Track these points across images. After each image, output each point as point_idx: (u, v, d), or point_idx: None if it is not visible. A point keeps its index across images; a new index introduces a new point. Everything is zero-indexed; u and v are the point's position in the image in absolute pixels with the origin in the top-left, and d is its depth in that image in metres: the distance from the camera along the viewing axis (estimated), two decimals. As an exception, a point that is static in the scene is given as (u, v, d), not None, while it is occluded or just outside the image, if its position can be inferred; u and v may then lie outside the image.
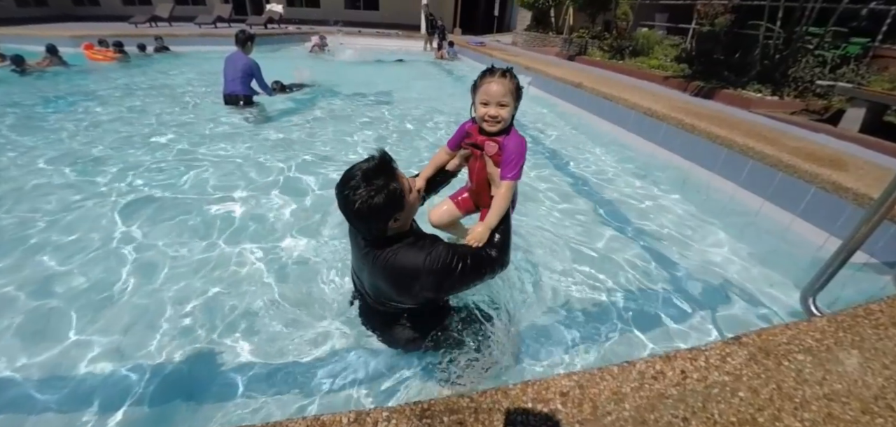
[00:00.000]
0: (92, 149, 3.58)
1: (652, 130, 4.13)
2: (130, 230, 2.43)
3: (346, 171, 1.21)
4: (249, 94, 4.39)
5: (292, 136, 4.12)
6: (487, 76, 1.39)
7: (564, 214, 2.97)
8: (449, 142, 1.59)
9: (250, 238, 2.42)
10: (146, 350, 1.63)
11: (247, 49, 4.29)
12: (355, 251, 1.40)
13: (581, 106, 5.50)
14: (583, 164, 3.97)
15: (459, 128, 1.56)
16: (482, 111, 1.40)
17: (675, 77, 6.57)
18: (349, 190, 1.17)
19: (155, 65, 8.41)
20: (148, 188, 2.93)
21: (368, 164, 1.19)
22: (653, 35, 9.11)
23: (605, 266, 2.37)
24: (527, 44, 12.52)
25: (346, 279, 1.97)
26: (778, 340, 1.24)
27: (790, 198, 2.79)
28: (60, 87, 5.97)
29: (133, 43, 9.33)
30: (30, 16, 18.52)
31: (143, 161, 3.38)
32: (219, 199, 2.83)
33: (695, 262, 2.47)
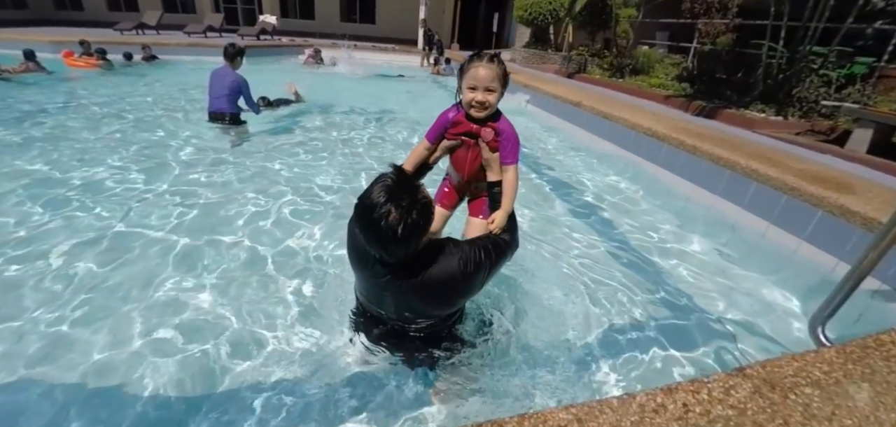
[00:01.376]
0: (54, 169, 3.42)
1: (653, 151, 4.19)
2: (89, 265, 2.24)
3: (366, 200, 1.12)
4: (236, 111, 4.34)
5: (279, 157, 4.02)
6: (475, 60, 1.42)
7: (562, 236, 2.97)
8: (428, 134, 1.56)
9: (240, 267, 2.34)
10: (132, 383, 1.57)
11: (236, 64, 4.26)
12: (370, 280, 1.32)
13: (580, 125, 5.58)
14: (581, 185, 4.01)
15: (439, 119, 1.55)
16: (470, 96, 1.42)
17: (677, 96, 6.70)
18: (380, 217, 1.08)
19: (139, 74, 8.38)
20: (117, 215, 2.75)
21: (389, 183, 1.12)
22: (653, 53, 9.34)
23: (602, 290, 2.37)
24: (525, 60, 12.78)
25: (343, 309, 1.88)
26: (784, 372, 1.23)
27: (796, 221, 2.82)
28: (35, 96, 5.91)
29: (119, 51, 9.28)
30: (7, 19, 17.94)
31: (110, 187, 3.16)
32: (196, 229, 2.68)
33: (698, 288, 2.47)
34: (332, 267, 2.34)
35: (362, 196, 1.14)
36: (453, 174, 1.68)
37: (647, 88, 7.52)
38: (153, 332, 1.80)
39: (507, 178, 1.51)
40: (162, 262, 2.30)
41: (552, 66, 11.40)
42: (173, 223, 2.72)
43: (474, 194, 1.72)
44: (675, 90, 7.10)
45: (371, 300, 1.41)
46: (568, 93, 6.48)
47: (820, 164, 3.58)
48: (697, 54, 8.08)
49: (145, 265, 2.27)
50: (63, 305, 1.92)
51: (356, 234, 1.24)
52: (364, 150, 4.58)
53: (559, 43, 13.32)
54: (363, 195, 1.14)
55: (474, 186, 1.67)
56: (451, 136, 1.53)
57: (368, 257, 1.26)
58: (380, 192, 1.10)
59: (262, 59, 11.56)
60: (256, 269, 2.31)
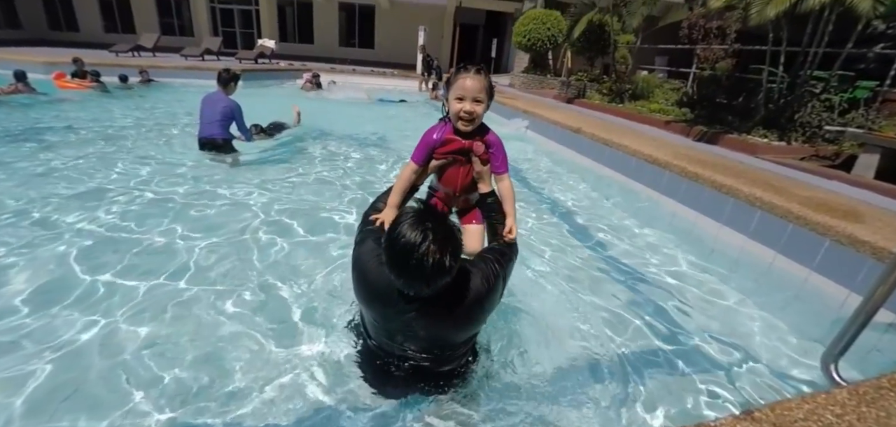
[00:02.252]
0: (26, 192, 3.39)
1: (654, 178, 4.21)
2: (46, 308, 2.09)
3: (400, 241, 1.10)
4: (228, 137, 4.30)
5: (272, 186, 3.98)
6: (462, 72, 1.46)
7: (562, 266, 2.95)
8: (415, 156, 1.55)
9: (232, 306, 2.25)
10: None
11: (229, 90, 4.25)
12: (395, 318, 1.30)
13: (580, 151, 5.63)
14: (582, 213, 4.01)
15: (425, 139, 1.55)
16: (457, 107, 1.45)
17: (677, 121, 6.80)
18: (423, 255, 1.07)
19: (133, 97, 8.43)
20: (83, 250, 2.61)
21: (419, 216, 1.13)
22: (653, 79, 9.53)
23: (603, 321, 2.34)
24: (524, 85, 13.03)
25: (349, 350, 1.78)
26: (794, 415, 1.19)
27: (804, 251, 2.80)
28: (19, 118, 5.89)
29: (114, 73, 9.27)
30: (1, 38, 18.07)
31: (85, 224, 2.97)
32: (180, 271, 2.52)
33: (702, 321, 2.43)
34: (324, 301, 2.31)
35: (393, 238, 1.12)
36: (443, 189, 1.69)
37: (647, 113, 7.62)
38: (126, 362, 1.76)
39: (506, 186, 1.61)
40: (137, 303, 2.27)
41: (551, 91, 11.62)
42: (150, 253, 2.67)
43: (464, 207, 1.76)
44: (676, 115, 7.20)
45: (393, 339, 1.37)
46: (567, 118, 6.57)
47: (826, 190, 3.60)
48: (697, 79, 8.24)
49: (108, 304, 2.19)
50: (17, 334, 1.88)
51: (373, 276, 1.27)
52: (361, 177, 4.59)
53: (558, 68, 13.61)
54: (394, 237, 1.12)
55: (464, 199, 1.71)
56: (441, 155, 1.56)
57: (392, 296, 1.24)
58: (413, 230, 1.10)
59: (260, 83, 11.72)
60: (249, 308, 2.27)
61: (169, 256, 2.66)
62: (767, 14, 4.88)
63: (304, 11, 21.20)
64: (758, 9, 4.97)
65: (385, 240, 1.16)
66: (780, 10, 4.78)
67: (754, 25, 5.17)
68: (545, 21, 12.31)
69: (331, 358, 1.84)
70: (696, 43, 7.62)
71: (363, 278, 1.34)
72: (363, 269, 1.34)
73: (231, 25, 21.37)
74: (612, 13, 9.35)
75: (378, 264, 1.28)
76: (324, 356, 1.86)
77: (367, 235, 1.45)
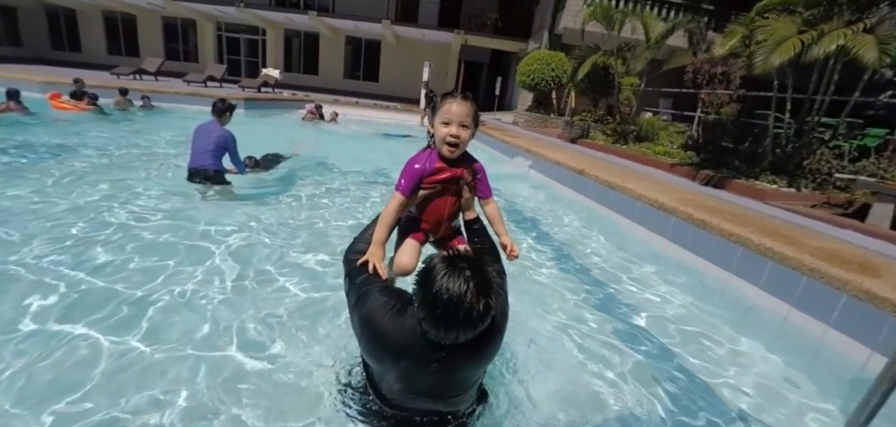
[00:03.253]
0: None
1: (660, 223, 4.17)
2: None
3: (443, 296, 1.08)
4: (220, 169, 4.21)
5: (264, 222, 3.88)
6: (448, 97, 1.47)
7: (563, 308, 2.87)
8: (403, 188, 1.49)
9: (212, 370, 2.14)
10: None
11: (224, 120, 4.22)
12: (418, 371, 1.26)
13: (584, 193, 5.63)
14: (584, 256, 3.95)
15: (411, 169, 1.50)
16: (443, 131, 1.44)
17: (683, 164, 6.84)
18: (470, 304, 1.08)
19: (129, 121, 8.48)
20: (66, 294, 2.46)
21: (452, 264, 1.12)
22: (657, 121, 9.68)
23: (605, 370, 2.25)
24: (528, 124, 13.24)
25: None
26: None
27: (820, 306, 2.72)
28: (8, 137, 5.88)
29: (114, 95, 9.38)
30: (0, 55, 18.51)
31: (58, 259, 2.82)
32: (159, 312, 2.42)
33: (716, 381, 2.32)
34: (320, 352, 2.22)
35: (435, 295, 1.09)
36: (428, 220, 1.67)
37: (651, 156, 7.68)
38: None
39: (494, 209, 1.69)
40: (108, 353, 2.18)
41: (554, 131, 11.79)
42: (108, 299, 2.47)
43: (445, 235, 1.73)
44: (681, 159, 7.25)
45: (417, 392, 1.32)
46: (571, 159, 6.61)
47: (839, 240, 3.55)
48: (702, 123, 8.36)
49: (77, 357, 2.10)
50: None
51: (394, 332, 1.23)
52: (360, 214, 4.54)
53: (561, 107, 13.87)
54: (436, 294, 1.09)
55: (447, 227, 1.71)
56: (430, 184, 1.53)
57: (418, 348, 1.21)
58: (453, 280, 1.09)
59: (263, 113, 11.90)
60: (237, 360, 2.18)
61: (136, 307, 2.46)
62: (772, 62, 4.98)
63: (310, 43, 21.91)
64: (762, 58, 5.08)
65: (422, 297, 1.13)
66: (784, 59, 4.88)
67: (759, 73, 5.27)
68: (549, 61, 12.63)
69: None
70: (701, 87, 7.78)
71: (379, 338, 1.27)
72: (378, 329, 1.26)
73: (237, 53, 22.06)
74: (617, 56, 9.61)
75: (395, 317, 1.24)
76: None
77: (366, 289, 1.35)
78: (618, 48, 9.61)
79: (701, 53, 8.44)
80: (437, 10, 21.00)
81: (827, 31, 4.81)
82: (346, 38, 21.78)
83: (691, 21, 10.04)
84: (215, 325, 2.31)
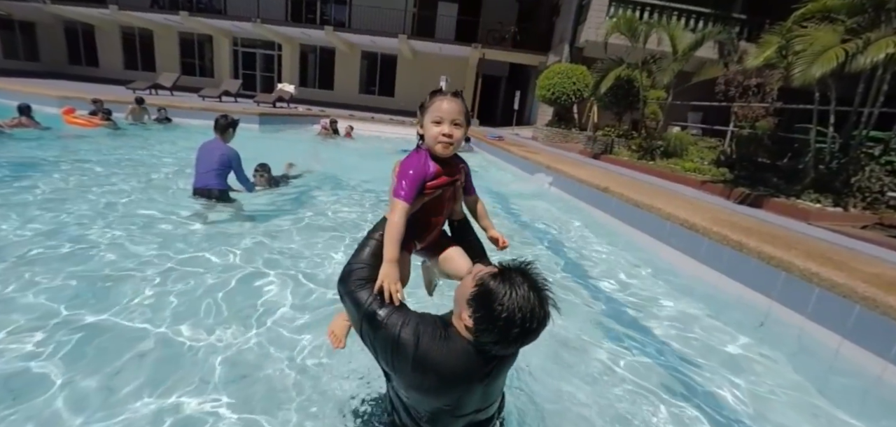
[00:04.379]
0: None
1: (692, 245, 4.02)
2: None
3: (517, 315, 1.11)
4: (224, 188, 4.19)
5: (271, 243, 3.84)
6: (437, 95, 1.44)
7: (585, 335, 2.76)
8: (406, 195, 1.38)
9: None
10: None
11: (227, 136, 4.21)
12: (474, 393, 1.27)
13: (608, 211, 5.50)
14: (609, 279, 3.83)
15: (409, 174, 1.40)
16: (435, 131, 1.40)
17: (715, 182, 6.63)
18: (542, 314, 1.15)
19: (143, 136, 8.74)
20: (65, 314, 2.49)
21: (509, 278, 1.16)
22: (686, 136, 9.47)
23: (630, 406, 2.12)
24: (548, 139, 13.15)
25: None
26: None
27: (877, 338, 2.53)
28: (20, 152, 6.06)
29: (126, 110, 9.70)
30: (17, 69, 19.42)
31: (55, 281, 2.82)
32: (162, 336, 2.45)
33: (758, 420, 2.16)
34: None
35: (509, 316, 1.11)
36: (427, 224, 1.61)
37: (680, 172, 7.50)
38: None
39: (480, 203, 1.73)
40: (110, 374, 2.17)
41: (576, 146, 11.67)
42: (105, 331, 2.49)
43: (434, 239, 1.67)
44: (713, 175, 7.05)
45: (459, 414, 1.30)
46: (594, 176, 6.49)
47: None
48: (736, 138, 8.14)
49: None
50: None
51: (451, 360, 1.19)
52: (354, 231, 4.50)
53: (583, 122, 13.74)
54: (509, 316, 1.11)
55: (438, 231, 1.68)
56: (432, 188, 1.47)
57: (474, 367, 1.22)
58: (520, 295, 1.12)
59: (277, 127, 12.17)
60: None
61: (134, 335, 2.43)
62: (812, 74, 4.80)
63: (326, 57, 22.45)
64: (801, 69, 4.91)
65: (490, 322, 1.13)
66: (826, 70, 4.70)
67: (798, 85, 5.09)
68: (570, 75, 12.57)
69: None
70: (733, 100, 7.58)
71: (437, 370, 1.20)
72: (434, 363, 1.20)
73: (252, 68, 22.75)
74: (642, 69, 9.50)
75: (446, 345, 1.21)
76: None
77: (398, 321, 1.24)
78: (643, 61, 9.50)
79: (733, 64, 8.24)
80: (454, 24, 21.31)
81: (874, 39, 4.62)
82: (362, 52, 22.24)
83: (722, 32, 9.87)
84: (209, 364, 2.27)
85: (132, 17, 20.08)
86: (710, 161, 8.01)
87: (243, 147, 4.34)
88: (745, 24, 12.81)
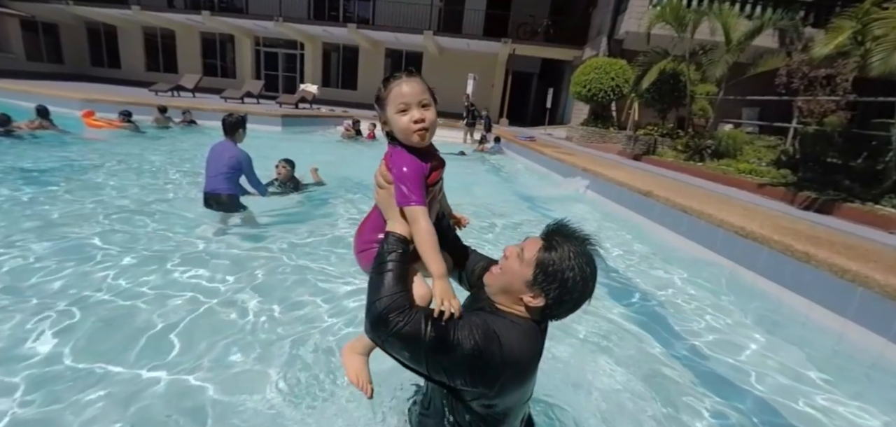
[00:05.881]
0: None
1: (749, 255, 3.77)
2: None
3: (588, 273, 1.21)
4: (234, 193, 4.16)
5: (286, 253, 3.77)
6: (391, 81, 1.29)
7: (627, 355, 2.60)
8: (419, 197, 1.27)
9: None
10: None
11: (237, 137, 4.19)
12: (535, 372, 1.33)
13: (651, 218, 5.29)
14: (655, 295, 3.62)
15: (408, 173, 1.27)
16: (405, 121, 1.25)
17: (775, 185, 6.29)
18: (595, 252, 1.24)
19: (162, 139, 9.05)
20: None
21: (563, 234, 1.25)
22: (740, 134, 9.05)
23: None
24: (583, 139, 12.89)
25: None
26: None
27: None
28: (30, 156, 6.31)
29: (151, 112, 10.15)
30: (41, 71, 20.83)
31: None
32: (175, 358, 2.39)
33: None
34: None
35: (586, 276, 1.20)
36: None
37: (734, 175, 7.19)
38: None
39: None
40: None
41: (614, 147, 11.40)
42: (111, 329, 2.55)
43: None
44: (773, 177, 6.69)
45: (527, 399, 1.36)
46: (635, 178, 6.30)
47: None
48: (799, 136, 7.69)
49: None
50: None
51: (528, 347, 1.23)
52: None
53: (622, 121, 13.38)
54: (587, 275, 1.20)
55: None
56: (430, 185, 1.35)
57: (540, 344, 1.28)
58: (578, 250, 1.20)
59: (300, 129, 12.42)
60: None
61: (156, 343, 2.47)
62: (894, 62, 4.44)
63: (349, 56, 22.91)
64: (882, 56, 4.55)
65: (566, 288, 1.19)
66: (911, 56, 4.35)
67: (877, 75, 4.72)
68: (608, 70, 12.29)
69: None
70: (797, 93, 7.13)
71: (522, 361, 1.22)
72: (520, 354, 1.21)
73: (274, 69, 23.45)
74: (689, 62, 9.14)
75: (517, 331, 1.23)
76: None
77: (472, 329, 1.16)
78: (691, 52, 9.15)
79: (796, 54, 7.78)
80: (483, 18, 21.28)
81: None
82: (386, 50, 22.55)
83: (783, 17, 9.36)
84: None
85: (154, 17, 21.12)
86: (768, 162, 7.66)
87: (263, 148, 4.31)
88: (810, 8, 12.12)
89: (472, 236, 4.74)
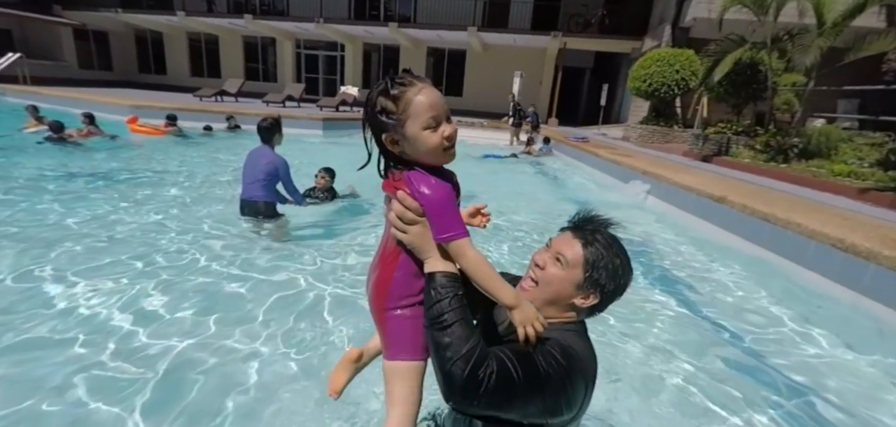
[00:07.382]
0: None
1: (850, 272, 3.41)
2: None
3: (619, 246, 1.21)
4: (271, 200, 4.24)
5: (325, 267, 3.71)
6: (406, 89, 1.11)
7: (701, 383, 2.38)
8: (461, 226, 1.15)
9: None
10: None
11: (275, 141, 4.25)
12: None
13: (726, 227, 4.98)
14: (733, 316, 3.34)
15: (439, 207, 1.12)
16: (436, 140, 1.09)
17: (882, 189, 5.70)
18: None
19: (209, 145, 9.54)
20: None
21: (594, 237, 1.21)
22: (835, 130, 8.35)
23: None
24: (643, 139, 12.45)
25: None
26: None
27: None
28: (78, 162, 6.77)
29: (198, 119, 10.81)
30: (92, 79, 22.91)
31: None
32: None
33: None
34: None
35: (626, 263, 1.20)
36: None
37: (827, 178, 6.60)
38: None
39: None
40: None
41: (679, 147, 10.98)
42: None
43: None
44: (879, 181, 6.09)
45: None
46: (705, 183, 5.97)
47: None
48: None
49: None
50: None
51: (592, 356, 1.23)
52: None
53: (689, 118, 12.80)
54: (626, 261, 1.20)
55: None
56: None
57: None
58: (611, 237, 1.21)
59: (341, 132, 12.80)
60: None
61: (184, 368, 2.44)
62: None
63: (390, 56, 23.43)
64: None
65: (616, 278, 1.19)
66: None
67: None
68: (672, 62, 11.81)
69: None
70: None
71: (594, 370, 1.22)
72: (590, 363, 1.21)
73: (315, 71, 24.38)
74: (771, 49, 8.52)
75: (580, 340, 1.22)
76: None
77: (551, 351, 1.12)
78: (773, 38, 8.53)
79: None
80: (531, 11, 21.04)
81: None
82: (428, 49, 22.83)
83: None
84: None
85: (199, 22, 22.52)
86: (872, 162, 7.00)
87: (301, 154, 4.33)
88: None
89: (520, 251, 4.58)
